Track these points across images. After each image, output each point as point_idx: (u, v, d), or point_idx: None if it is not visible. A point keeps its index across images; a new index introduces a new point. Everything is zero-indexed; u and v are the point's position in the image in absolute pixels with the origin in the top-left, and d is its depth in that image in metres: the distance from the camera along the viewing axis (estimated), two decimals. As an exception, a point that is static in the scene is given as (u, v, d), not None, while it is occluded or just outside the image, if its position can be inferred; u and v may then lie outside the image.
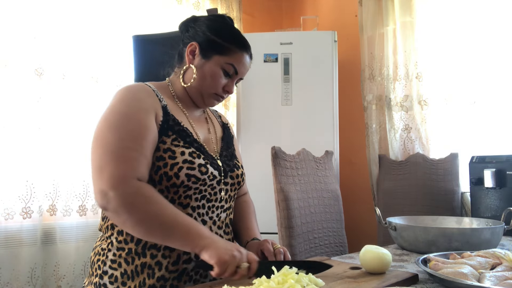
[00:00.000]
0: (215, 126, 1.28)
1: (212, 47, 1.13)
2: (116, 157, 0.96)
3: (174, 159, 1.03)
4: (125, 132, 0.99)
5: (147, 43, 2.14)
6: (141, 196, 0.94)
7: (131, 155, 0.97)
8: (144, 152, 0.99)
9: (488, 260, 0.99)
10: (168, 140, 1.05)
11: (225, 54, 1.13)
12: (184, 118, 1.15)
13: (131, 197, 0.93)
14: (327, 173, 2.00)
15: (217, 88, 1.15)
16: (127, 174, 0.94)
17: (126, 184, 0.93)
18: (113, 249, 1.04)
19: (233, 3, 3.07)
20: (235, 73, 1.16)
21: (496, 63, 2.25)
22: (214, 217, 1.11)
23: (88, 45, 2.38)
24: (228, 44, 1.13)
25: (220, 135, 1.27)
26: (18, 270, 2.10)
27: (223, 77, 1.14)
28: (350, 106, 2.98)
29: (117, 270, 1.02)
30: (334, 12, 3.26)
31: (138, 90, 1.08)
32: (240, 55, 1.15)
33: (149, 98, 1.07)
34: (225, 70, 1.14)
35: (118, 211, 0.93)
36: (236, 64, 1.14)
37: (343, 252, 1.90)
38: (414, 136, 2.57)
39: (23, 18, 2.17)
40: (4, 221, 2.08)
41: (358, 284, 0.91)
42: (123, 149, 0.97)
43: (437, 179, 2.32)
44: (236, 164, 1.22)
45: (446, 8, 2.42)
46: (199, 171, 1.05)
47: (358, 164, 2.99)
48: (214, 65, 1.13)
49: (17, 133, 2.13)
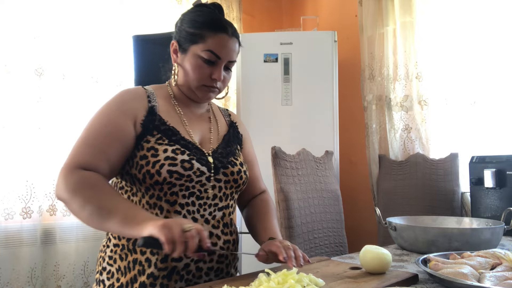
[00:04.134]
0: (219, 125, 1.24)
1: (187, 39, 1.11)
2: (75, 150, 1.01)
3: (156, 157, 1.03)
4: (94, 130, 1.03)
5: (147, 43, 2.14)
6: (84, 182, 0.96)
7: (88, 150, 1.01)
8: (104, 149, 1.01)
9: (488, 260, 0.99)
10: (153, 139, 1.06)
11: (199, 42, 1.09)
12: (175, 117, 1.13)
13: (75, 184, 0.95)
14: (327, 173, 2.00)
15: (202, 79, 1.10)
16: (77, 164, 0.98)
17: (73, 173, 0.97)
18: (111, 245, 1.07)
19: (233, 3, 3.07)
20: (217, 58, 1.09)
21: (496, 63, 2.25)
22: (206, 215, 1.08)
23: (88, 45, 2.38)
24: (200, 31, 1.09)
25: (223, 134, 1.23)
26: (18, 270, 2.10)
27: (205, 66, 1.09)
28: (350, 106, 2.98)
29: (112, 266, 1.05)
30: (334, 12, 3.26)
31: (127, 93, 1.11)
32: (215, 38, 1.08)
33: (134, 101, 1.09)
34: (205, 58, 1.08)
35: (64, 198, 0.97)
36: (214, 49, 1.08)
37: (343, 252, 1.90)
38: (414, 136, 2.57)
39: (23, 18, 2.17)
40: (4, 221, 2.09)
41: (358, 284, 0.91)
42: (83, 144, 1.02)
43: (437, 179, 2.32)
44: (232, 161, 1.16)
45: (446, 8, 2.42)
46: (181, 167, 1.03)
47: (358, 164, 2.99)
48: (192, 57, 1.09)
49: (17, 133, 2.13)
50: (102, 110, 1.08)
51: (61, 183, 0.97)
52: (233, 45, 1.11)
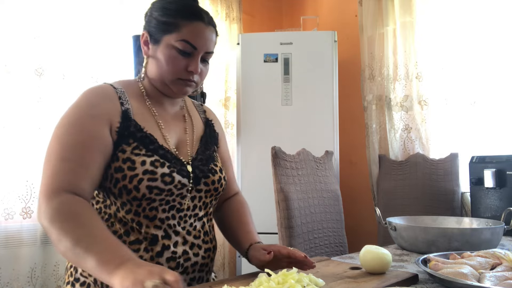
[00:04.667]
0: (194, 124, 1.15)
1: (159, 28, 1.01)
2: (50, 169, 0.90)
3: (133, 170, 0.94)
4: (66, 142, 0.92)
5: (147, 43, 2.14)
6: (61, 212, 0.85)
7: (66, 167, 0.90)
8: (84, 162, 0.91)
9: (488, 260, 0.99)
10: (129, 148, 0.96)
11: (173, 31, 0.99)
12: (151, 120, 1.03)
13: (52, 214, 0.85)
14: (327, 173, 2.00)
15: (177, 72, 1.01)
16: (57, 188, 0.88)
17: (52, 199, 0.86)
18: None
19: (233, 3, 3.07)
20: (193, 49, 1.00)
21: (496, 63, 2.25)
22: (187, 227, 1.02)
23: (88, 45, 2.38)
24: (173, 19, 0.99)
25: (199, 135, 1.14)
26: (18, 270, 2.10)
27: (180, 58, 1.00)
28: (350, 106, 2.98)
29: (88, 278, 0.97)
30: (334, 12, 3.26)
31: (95, 94, 0.98)
32: (190, 26, 0.99)
33: (105, 103, 0.97)
34: (179, 49, 0.99)
35: (44, 227, 0.87)
36: (190, 38, 0.99)
37: (343, 252, 1.90)
38: (414, 136, 2.57)
39: (23, 18, 2.17)
40: (4, 221, 2.09)
41: (358, 284, 0.91)
42: (59, 161, 0.90)
43: (437, 179, 2.32)
44: (212, 169, 1.09)
45: (446, 8, 2.42)
46: (162, 182, 0.96)
47: (358, 164, 2.99)
48: (165, 48, 1.00)
49: (17, 133, 2.13)
50: (69, 118, 0.95)
51: (41, 210, 0.87)
52: (210, 35, 1.02)
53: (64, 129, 0.94)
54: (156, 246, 0.97)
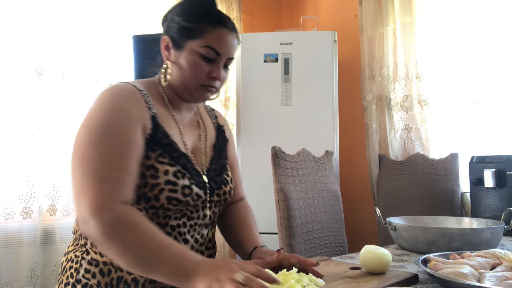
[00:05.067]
0: (207, 131, 1.14)
1: (182, 34, 1.00)
2: (97, 179, 0.85)
3: (156, 179, 0.94)
4: (109, 149, 0.88)
5: (147, 43, 2.14)
6: (122, 224, 0.83)
7: (115, 176, 0.87)
8: (129, 170, 0.89)
9: (488, 260, 0.99)
10: (153, 155, 0.95)
11: (197, 37, 0.98)
12: (173, 125, 1.03)
13: (111, 226, 0.82)
14: (327, 173, 2.00)
15: (200, 79, 1.00)
16: (108, 199, 0.84)
17: (106, 211, 0.83)
18: (88, 258, 0.97)
19: (233, 3, 3.07)
20: (217, 55, 0.99)
21: (496, 63, 2.25)
22: (195, 235, 1.02)
23: (88, 45, 2.38)
24: (197, 25, 0.98)
25: (212, 142, 1.14)
26: (18, 270, 2.10)
27: (203, 64, 0.99)
28: (350, 106, 2.98)
29: (90, 280, 0.95)
30: (334, 12, 3.26)
31: (124, 96, 0.96)
32: (215, 32, 0.98)
33: (137, 107, 0.96)
34: (203, 55, 0.98)
35: (99, 241, 0.83)
36: (214, 44, 0.98)
37: (343, 252, 1.90)
38: (414, 136, 2.57)
39: (23, 18, 2.17)
40: (4, 221, 2.09)
41: (358, 284, 0.91)
42: (105, 170, 0.87)
43: (437, 179, 2.32)
44: (225, 180, 1.10)
45: (446, 8, 2.42)
46: (181, 194, 0.96)
47: (358, 164, 2.99)
48: (189, 54, 0.99)
49: (17, 133, 2.13)
50: (105, 123, 0.91)
51: (89, 224, 0.82)
52: (233, 41, 1.02)
53: (101, 135, 0.90)
54: None
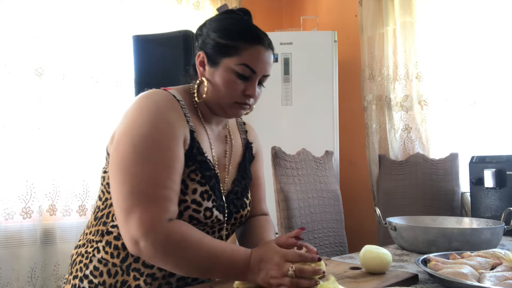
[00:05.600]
0: (233, 147, 1.12)
1: (218, 51, 0.98)
2: (146, 199, 0.85)
3: (184, 195, 0.94)
4: (157, 167, 0.88)
5: (147, 43, 2.14)
6: (173, 242, 0.85)
7: (163, 194, 0.87)
8: (176, 188, 0.90)
9: (488, 260, 0.99)
10: (187, 170, 0.95)
11: (233, 55, 0.96)
12: (206, 140, 1.02)
13: (163, 246, 0.84)
14: (327, 173, 2.00)
15: (235, 96, 0.98)
16: (158, 219, 0.85)
17: (157, 231, 0.84)
18: (98, 256, 0.98)
19: (233, 3, 3.07)
20: (252, 73, 0.98)
21: (496, 63, 2.25)
22: None
23: (88, 45, 2.38)
24: (234, 42, 0.97)
25: (237, 160, 1.11)
26: (18, 270, 2.10)
27: (238, 82, 0.97)
28: (350, 106, 2.98)
29: (96, 278, 0.97)
30: (334, 12, 3.26)
31: (167, 108, 0.94)
32: (251, 50, 0.97)
33: (179, 121, 0.95)
34: (239, 73, 0.97)
35: (153, 260, 0.87)
36: (250, 62, 0.96)
37: (343, 252, 1.90)
38: (414, 136, 2.57)
39: (23, 18, 2.17)
40: (4, 221, 2.09)
41: (358, 284, 0.91)
42: (154, 188, 0.86)
43: (437, 179, 2.32)
44: (244, 203, 1.08)
45: (446, 8, 2.42)
46: (203, 215, 0.96)
47: (358, 164, 2.99)
48: (224, 71, 0.97)
49: (17, 133, 2.13)
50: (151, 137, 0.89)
51: (146, 245, 0.83)
52: (269, 58, 1.00)
53: (149, 150, 0.88)
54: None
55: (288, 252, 0.85)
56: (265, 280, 0.83)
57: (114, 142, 0.93)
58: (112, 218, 0.99)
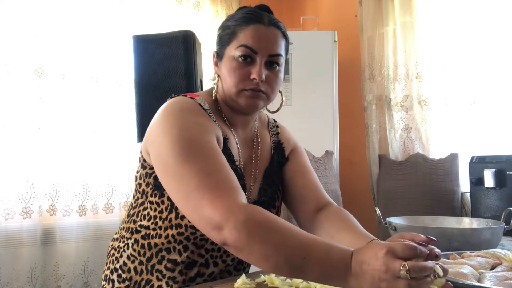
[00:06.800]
0: (260, 151, 1.07)
1: (221, 43, 0.98)
2: (206, 190, 0.79)
3: None
4: (200, 159, 0.83)
5: (147, 43, 2.14)
6: (258, 223, 0.75)
7: (219, 178, 0.81)
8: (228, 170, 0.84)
9: (488, 260, 0.99)
10: None
11: (232, 41, 0.94)
12: (235, 147, 0.99)
13: (248, 226, 0.74)
14: (327, 173, 2.00)
15: (240, 82, 0.93)
16: (229, 200, 0.78)
17: (237, 212, 0.75)
18: (128, 252, 1.00)
19: (233, 3, 3.07)
20: (253, 53, 0.93)
21: (496, 63, 2.24)
22: (228, 261, 1.00)
23: (88, 45, 2.38)
24: (232, 29, 0.95)
25: (264, 166, 1.06)
26: (18, 270, 2.10)
27: (241, 67, 0.93)
28: (350, 106, 2.98)
29: (124, 273, 0.99)
30: (334, 12, 3.26)
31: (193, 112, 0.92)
32: (247, 30, 0.93)
33: (208, 122, 0.93)
34: (240, 56, 0.93)
35: (239, 245, 0.75)
36: (247, 42, 0.92)
37: (343, 252, 1.90)
38: (414, 136, 2.57)
39: (23, 18, 2.17)
40: (4, 221, 2.09)
41: (358, 284, 0.91)
42: (208, 177, 0.80)
43: (437, 179, 2.32)
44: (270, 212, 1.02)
45: (446, 8, 2.42)
46: None
47: (358, 164, 2.99)
48: (227, 60, 0.95)
49: (17, 133, 2.13)
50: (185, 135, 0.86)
51: (230, 227, 0.74)
52: (273, 36, 0.94)
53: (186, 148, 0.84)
54: (191, 271, 0.97)
55: (395, 245, 0.67)
56: (374, 286, 0.67)
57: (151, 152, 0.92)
58: (140, 218, 0.99)
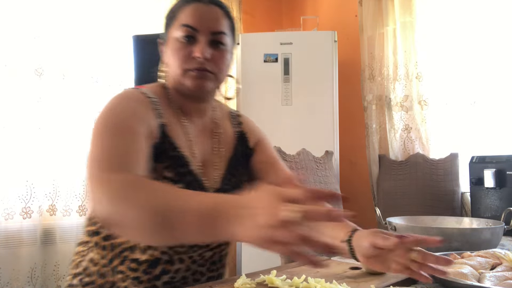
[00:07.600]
0: (223, 141, 1.04)
1: (165, 28, 0.99)
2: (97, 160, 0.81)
3: None
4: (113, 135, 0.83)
5: (147, 43, 2.14)
6: (138, 180, 0.73)
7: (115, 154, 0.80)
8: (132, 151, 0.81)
9: (488, 260, 0.99)
10: (160, 167, 0.89)
11: (173, 22, 0.95)
12: (181, 134, 0.95)
13: (128, 182, 0.72)
14: (327, 173, 2.00)
15: (183, 62, 0.92)
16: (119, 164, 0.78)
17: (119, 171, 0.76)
18: (89, 256, 0.96)
19: (233, 3, 3.07)
20: (194, 31, 0.92)
21: (496, 63, 2.25)
22: (194, 256, 0.96)
23: (88, 45, 2.38)
24: (174, 10, 0.96)
25: (228, 155, 1.03)
26: (18, 270, 2.10)
27: (184, 47, 0.92)
28: (350, 106, 2.98)
29: (87, 277, 0.96)
30: (334, 12, 3.26)
31: (133, 100, 0.90)
32: (186, 9, 0.94)
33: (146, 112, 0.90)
34: (181, 36, 0.92)
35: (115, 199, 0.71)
36: (187, 21, 0.92)
37: (343, 252, 1.89)
38: (414, 136, 2.57)
39: (23, 18, 2.17)
40: (4, 221, 2.09)
41: (358, 284, 0.91)
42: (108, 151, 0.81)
43: (437, 179, 2.32)
44: None
45: (446, 8, 2.42)
46: None
47: (358, 164, 2.99)
48: (171, 42, 0.95)
49: (17, 133, 2.13)
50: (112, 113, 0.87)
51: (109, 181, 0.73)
52: (212, 13, 0.95)
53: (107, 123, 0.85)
54: (155, 269, 0.93)
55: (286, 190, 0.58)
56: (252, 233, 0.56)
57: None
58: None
